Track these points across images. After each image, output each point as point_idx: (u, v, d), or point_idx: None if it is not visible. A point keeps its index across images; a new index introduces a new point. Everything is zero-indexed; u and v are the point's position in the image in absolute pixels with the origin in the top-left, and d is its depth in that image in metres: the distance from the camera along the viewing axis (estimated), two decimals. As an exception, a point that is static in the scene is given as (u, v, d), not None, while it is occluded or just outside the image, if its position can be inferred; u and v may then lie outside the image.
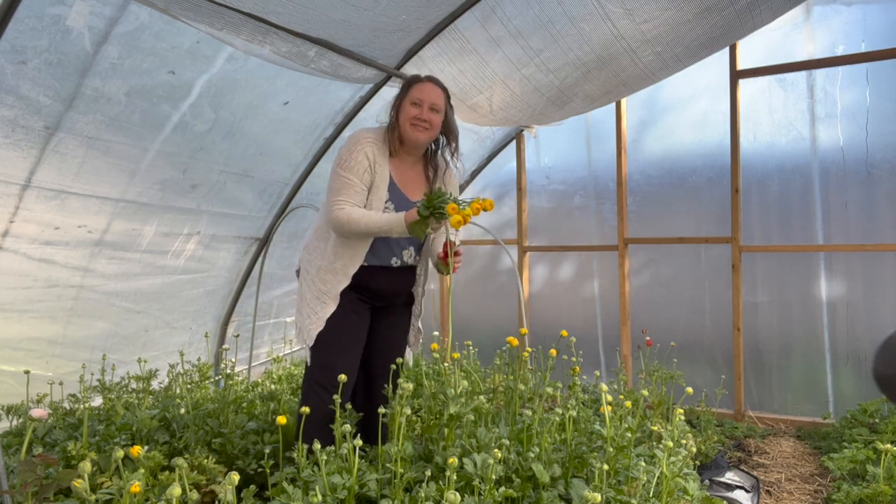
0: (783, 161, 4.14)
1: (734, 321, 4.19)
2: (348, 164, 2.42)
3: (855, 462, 3.02)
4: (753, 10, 3.35)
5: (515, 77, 3.58)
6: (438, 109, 2.50)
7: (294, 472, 2.13)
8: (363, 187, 2.43)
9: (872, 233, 3.89)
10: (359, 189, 2.42)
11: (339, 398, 2.25)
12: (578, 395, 2.70)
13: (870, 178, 3.89)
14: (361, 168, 2.42)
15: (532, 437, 2.38)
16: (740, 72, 4.15)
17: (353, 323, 2.55)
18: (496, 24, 3.19)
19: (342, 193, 2.41)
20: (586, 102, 3.99)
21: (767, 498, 3.00)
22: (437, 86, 2.53)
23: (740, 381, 4.17)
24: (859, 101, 3.90)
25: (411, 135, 2.47)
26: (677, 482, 2.31)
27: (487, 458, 1.95)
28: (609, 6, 3.08)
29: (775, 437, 3.81)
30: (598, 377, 4.68)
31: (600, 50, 3.40)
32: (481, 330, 5.22)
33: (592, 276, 4.87)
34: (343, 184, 2.41)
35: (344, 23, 2.85)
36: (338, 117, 3.74)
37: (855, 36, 3.88)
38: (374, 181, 2.45)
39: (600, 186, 4.79)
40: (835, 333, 4.00)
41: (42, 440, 2.73)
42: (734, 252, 4.19)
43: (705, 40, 3.52)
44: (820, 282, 4.05)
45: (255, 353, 4.48)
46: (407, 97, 2.49)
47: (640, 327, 4.39)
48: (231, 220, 3.78)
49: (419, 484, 2.03)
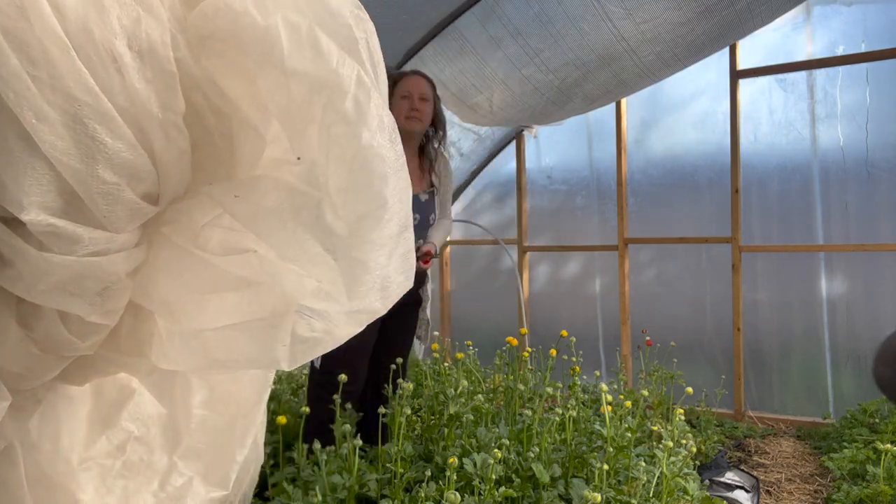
0: (783, 161, 4.14)
1: (734, 321, 4.19)
2: None
3: (855, 462, 3.02)
4: (753, 10, 3.35)
5: (515, 77, 3.58)
6: (427, 98, 2.56)
7: (294, 472, 2.13)
8: None
9: (872, 233, 3.89)
10: None
11: (339, 398, 2.25)
12: (578, 395, 2.70)
13: (870, 178, 3.89)
14: None
15: (532, 437, 2.38)
16: (740, 72, 4.15)
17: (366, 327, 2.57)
18: (496, 24, 3.19)
19: None
20: (586, 102, 3.99)
21: (767, 498, 3.00)
22: (422, 77, 2.59)
23: (740, 381, 4.16)
24: (859, 101, 3.90)
25: (406, 127, 2.51)
26: (677, 482, 2.31)
27: (487, 458, 1.95)
28: (609, 6, 3.08)
29: (775, 437, 3.81)
30: (598, 377, 4.67)
31: (600, 50, 3.40)
32: (481, 330, 5.22)
33: (593, 275, 4.87)
34: None
35: (344, 23, 2.85)
36: (338, 117, 3.74)
37: (855, 36, 3.88)
38: None
39: (602, 186, 4.79)
40: (835, 333, 4.00)
41: (42, 440, 2.72)
42: (734, 252, 4.19)
43: (705, 40, 3.52)
44: (820, 282, 4.05)
45: (256, 352, 4.48)
46: (395, 93, 2.54)
47: (640, 327, 4.39)
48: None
49: (419, 484, 2.04)
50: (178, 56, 0.67)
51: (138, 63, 0.64)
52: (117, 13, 0.62)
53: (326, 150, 0.70)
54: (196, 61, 0.68)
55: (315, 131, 0.69)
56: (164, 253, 0.74)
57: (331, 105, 0.69)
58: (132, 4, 0.64)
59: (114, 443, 0.90)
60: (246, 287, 0.74)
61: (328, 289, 0.76)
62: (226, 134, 0.73)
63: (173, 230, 0.74)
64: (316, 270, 0.75)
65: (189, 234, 0.73)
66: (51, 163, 0.60)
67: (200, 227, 0.73)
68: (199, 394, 0.94)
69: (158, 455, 0.93)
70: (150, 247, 0.74)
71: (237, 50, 0.67)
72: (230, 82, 0.69)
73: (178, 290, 0.74)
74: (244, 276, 0.74)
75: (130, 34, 0.63)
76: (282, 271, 0.74)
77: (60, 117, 0.60)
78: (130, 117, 0.63)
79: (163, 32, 0.65)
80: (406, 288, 0.84)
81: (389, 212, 0.75)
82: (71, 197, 0.63)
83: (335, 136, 0.70)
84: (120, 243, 0.68)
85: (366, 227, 0.74)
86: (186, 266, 0.74)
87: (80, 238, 0.64)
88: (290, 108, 0.69)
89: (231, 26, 0.66)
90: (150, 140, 0.66)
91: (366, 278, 0.78)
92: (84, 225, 0.64)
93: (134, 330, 0.77)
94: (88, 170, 0.62)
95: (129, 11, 0.63)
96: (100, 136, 0.61)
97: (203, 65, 0.68)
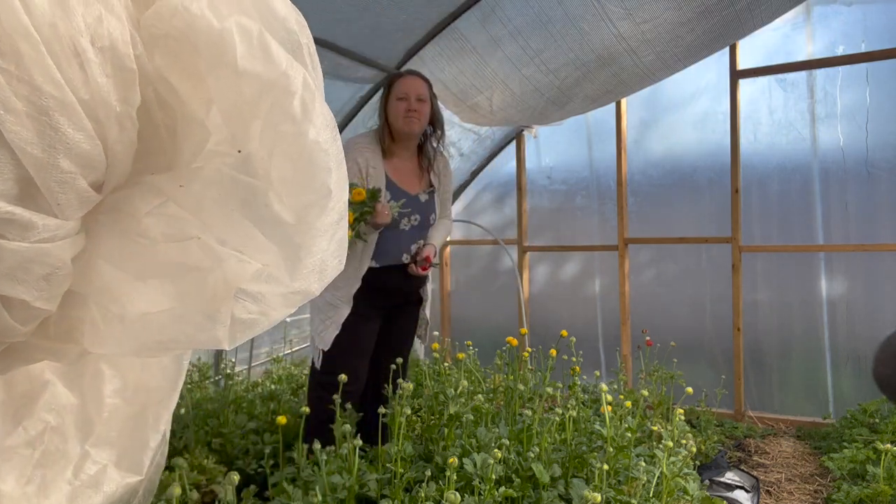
0: (783, 161, 4.14)
1: (734, 321, 4.20)
2: None
3: (855, 462, 3.02)
4: (753, 10, 3.35)
5: (515, 77, 3.58)
6: (424, 99, 2.55)
7: (294, 472, 2.13)
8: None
9: (872, 233, 3.89)
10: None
11: (339, 398, 2.25)
12: (578, 395, 2.70)
13: (870, 178, 3.89)
14: (352, 174, 2.48)
15: (532, 437, 2.38)
16: (740, 72, 4.15)
17: (367, 329, 2.59)
18: (496, 24, 3.19)
19: None
20: (586, 102, 3.99)
21: (767, 498, 3.00)
22: (419, 77, 2.59)
23: (740, 381, 4.17)
24: (859, 101, 3.90)
25: (404, 128, 2.51)
26: (677, 482, 2.31)
27: (487, 458, 1.95)
28: (609, 6, 3.08)
29: (775, 437, 3.81)
30: (598, 377, 4.67)
31: (600, 50, 3.40)
32: (481, 330, 5.22)
33: (593, 275, 4.87)
34: None
35: (344, 22, 2.85)
36: (337, 117, 3.74)
37: (855, 36, 3.88)
38: (370, 183, 2.50)
39: (602, 186, 4.79)
40: (835, 333, 4.00)
41: (42, 440, 2.72)
42: (734, 252, 4.19)
43: (705, 40, 3.51)
44: (820, 282, 4.05)
45: (255, 353, 4.48)
46: (392, 94, 2.54)
47: (640, 327, 4.39)
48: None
49: (419, 484, 2.04)
50: (135, 53, 0.71)
51: (100, 59, 0.67)
52: (82, 11, 0.66)
53: (272, 144, 0.77)
54: (150, 58, 0.73)
55: (259, 127, 0.76)
56: (104, 240, 0.78)
57: (278, 104, 0.76)
58: (95, 3, 0.67)
59: (31, 433, 0.93)
60: (188, 272, 0.79)
61: (272, 272, 0.83)
62: (170, 126, 0.77)
63: (114, 218, 0.78)
64: (260, 255, 0.81)
65: (131, 222, 0.78)
66: (12, 152, 0.63)
67: (143, 214, 0.78)
68: (111, 383, 0.98)
69: (72, 444, 0.96)
70: (87, 234, 0.77)
71: (191, 50, 0.72)
72: (180, 79, 0.74)
73: (120, 276, 0.79)
74: (186, 262, 0.79)
75: (93, 31, 0.67)
76: (224, 257, 0.79)
77: (26, 108, 0.62)
78: (90, 110, 0.67)
79: (123, 31, 0.69)
80: (338, 271, 0.91)
81: (333, 200, 0.84)
82: (26, 184, 0.66)
83: (283, 132, 0.77)
84: (67, 230, 0.71)
85: (312, 215, 0.82)
86: (128, 253, 0.78)
87: (34, 225, 0.67)
88: (238, 106, 0.75)
89: (186, 27, 0.71)
90: (105, 131, 0.70)
91: (308, 261, 0.85)
92: (37, 212, 0.67)
93: (64, 317, 0.80)
94: (49, 158, 0.65)
95: (92, 10, 0.67)
96: (62, 127, 0.65)
97: (156, 62, 0.73)
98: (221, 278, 0.80)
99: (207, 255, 0.79)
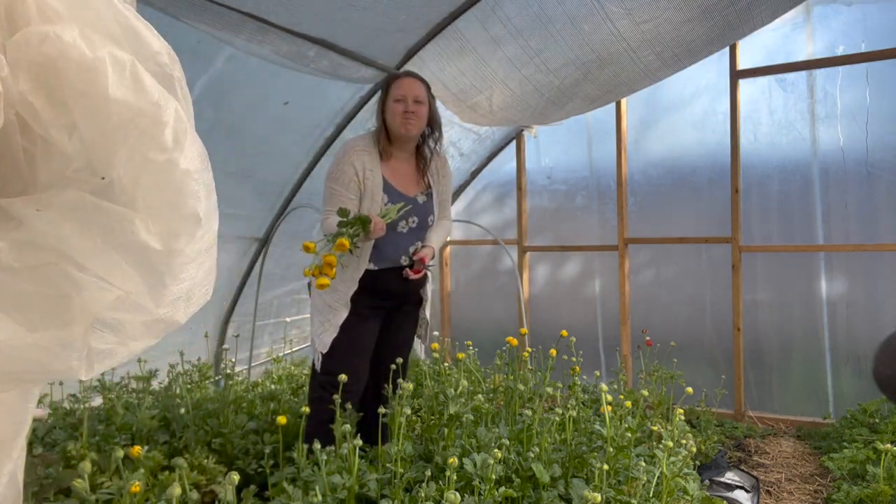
0: (783, 161, 4.13)
1: (734, 321, 4.20)
2: (335, 176, 2.51)
3: (855, 462, 3.02)
4: (753, 10, 3.35)
5: (515, 77, 3.58)
6: (422, 101, 2.54)
7: (294, 472, 2.13)
8: (350, 196, 2.49)
9: (872, 233, 3.89)
10: (346, 198, 2.48)
11: (339, 398, 2.25)
12: (578, 395, 2.70)
13: (870, 178, 3.89)
14: (348, 178, 2.48)
15: (532, 437, 2.38)
16: (740, 72, 4.15)
17: (366, 329, 2.58)
18: (496, 24, 3.19)
19: (329, 203, 2.50)
20: (586, 102, 3.99)
21: (767, 498, 3.00)
22: (416, 79, 2.57)
23: (740, 381, 4.17)
24: (859, 101, 3.90)
25: (402, 130, 2.50)
26: (677, 482, 2.31)
27: (487, 458, 1.95)
28: (609, 6, 3.08)
29: (775, 437, 3.81)
30: (598, 377, 4.66)
31: (600, 50, 3.40)
32: (481, 330, 5.22)
33: (593, 276, 4.87)
34: (330, 194, 2.51)
35: (344, 23, 2.85)
36: (338, 117, 3.74)
37: (855, 36, 3.88)
38: (367, 186, 2.50)
39: (602, 186, 4.79)
40: (835, 333, 4.00)
41: (42, 440, 2.73)
42: (734, 252, 4.19)
43: (705, 40, 3.52)
44: (820, 282, 4.05)
45: (255, 353, 4.48)
46: (389, 96, 2.53)
47: (640, 327, 4.39)
48: (231, 219, 3.78)
49: (419, 484, 2.04)
50: (1, 76, 0.71)
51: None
52: None
53: (139, 172, 0.77)
54: (15, 82, 0.73)
55: (126, 155, 0.76)
56: None
57: (148, 133, 0.77)
58: None
59: None
60: (42, 299, 0.77)
61: (135, 299, 0.82)
62: (29, 151, 0.77)
63: None
64: (124, 282, 0.80)
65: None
66: None
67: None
68: None
69: None
70: None
71: (59, 76, 0.73)
72: (44, 104, 0.74)
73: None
74: (41, 289, 0.77)
75: None
76: (83, 284, 0.78)
77: None
78: None
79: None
80: (205, 300, 0.90)
81: (202, 229, 0.84)
82: None
83: (152, 160, 0.77)
84: None
85: (181, 243, 0.82)
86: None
87: None
88: (104, 133, 0.75)
89: (58, 55, 0.72)
90: None
91: (175, 288, 0.84)
92: None
93: None
94: None
95: None
96: None
97: (21, 86, 0.73)
98: (79, 306, 0.78)
99: (65, 281, 0.77)
